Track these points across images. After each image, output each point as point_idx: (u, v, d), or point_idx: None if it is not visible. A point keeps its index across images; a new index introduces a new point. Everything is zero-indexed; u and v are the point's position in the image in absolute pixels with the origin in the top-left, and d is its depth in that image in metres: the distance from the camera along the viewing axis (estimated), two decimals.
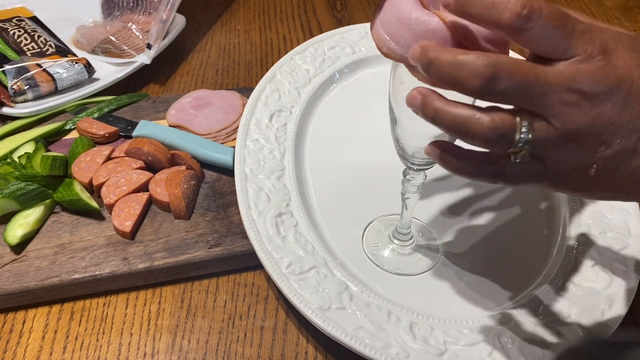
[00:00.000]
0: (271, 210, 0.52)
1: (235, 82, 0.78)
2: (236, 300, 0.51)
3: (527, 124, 0.31)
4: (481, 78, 0.29)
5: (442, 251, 0.53)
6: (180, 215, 0.55)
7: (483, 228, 0.55)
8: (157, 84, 0.77)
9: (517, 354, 0.44)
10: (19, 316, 0.50)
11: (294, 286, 0.46)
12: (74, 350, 0.48)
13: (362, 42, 0.70)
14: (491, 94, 0.30)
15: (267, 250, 0.49)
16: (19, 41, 0.72)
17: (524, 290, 0.49)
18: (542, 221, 0.56)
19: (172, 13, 0.77)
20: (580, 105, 0.30)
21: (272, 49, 0.85)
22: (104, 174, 0.58)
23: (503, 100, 0.31)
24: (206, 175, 0.61)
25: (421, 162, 0.42)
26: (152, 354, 0.48)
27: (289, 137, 0.59)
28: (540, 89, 0.30)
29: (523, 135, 0.31)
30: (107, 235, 0.54)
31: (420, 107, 0.32)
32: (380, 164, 0.56)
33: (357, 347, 0.43)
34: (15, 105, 0.68)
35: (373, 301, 0.47)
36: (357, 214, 0.56)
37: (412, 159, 0.42)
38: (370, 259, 0.52)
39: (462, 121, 0.31)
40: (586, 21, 0.32)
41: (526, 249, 0.53)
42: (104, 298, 0.52)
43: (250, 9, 0.94)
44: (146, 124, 0.64)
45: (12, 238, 0.52)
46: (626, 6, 0.96)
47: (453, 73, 0.30)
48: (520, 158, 0.32)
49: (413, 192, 0.47)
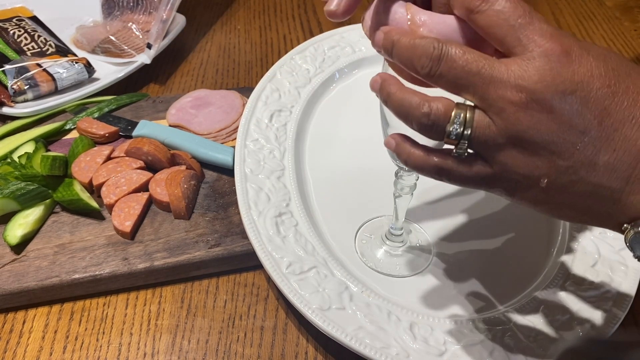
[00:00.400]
0: (271, 210, 0.52)
1: (235, 82, 0.78)
2: (236, 300, 0.51)
3: (461, 115, 0.30)
4: (429, 57, 0.30)
5: (434, 252, 0.53)
6: (180, 215, 0.55)
7: (483, 228, 0.55)
8: (157, 83, 0.77)
9: (517, 354, 0.44)
10: (19, 316, 0.50)
11: (294, 286, 0.46)
12: (74, 350, 0.48)
13: (362, 41, 0.70)
14: (437, 76, 0.30)
15: (267, 250, 0.49)
16: (19, 41, 0.72)
17: (524, 290, 0.49)
18: (542, 221, 0.56)
19: (172, 13, 0.77)
20: (527, 107, 0.29)
21: (272, 49, 0.85)
22: (104, 173, 0.58)
23: (448, 86, 0.30)
24: (206, 175, 0.60)
25: None
26: (152, 354, 0.48)
27: (289, 137, 0.59)
28: (480, 79, 0.29)
29: (455, 126, 0.30)
30: (107, 235, 0.54)
31: (378, 90, 0.34)
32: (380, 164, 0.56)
33: (357, 347, 0.43)
34: (15, 105, 0.68)
35: (373, 301, 0.47)
36: (357, 213, 0.55)
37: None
38: (362, 261, 0.52)
39: (406, 105, 0.32)
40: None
41: (526, 249, 0.53)
42: (104, 298, 0.52)
43: (250, 9, 0.94)
44: (146, 123, 0.64)
45: (12, 238, 0.52)
46: (626, 6, 0.96)
47: (409, 53, 0.31)
48: (458, 152, 0.32)
49: (406, 193, 0.47)
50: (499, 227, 0.55)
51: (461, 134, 0.31)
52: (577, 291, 0.48)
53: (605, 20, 0.92)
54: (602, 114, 0.28)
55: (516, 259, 0.52)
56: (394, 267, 0.51)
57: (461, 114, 0.30)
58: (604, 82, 0.28)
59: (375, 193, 0.56)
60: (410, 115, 0.32)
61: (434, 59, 0.30)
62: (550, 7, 0.95)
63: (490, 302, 0.49)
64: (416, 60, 0.30)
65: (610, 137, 0.29)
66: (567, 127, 0.29)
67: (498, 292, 0.50)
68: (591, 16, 0.93)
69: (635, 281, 0.48)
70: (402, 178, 0.46)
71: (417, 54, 0.30)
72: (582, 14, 0.93)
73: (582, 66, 0.28)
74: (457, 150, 0.32)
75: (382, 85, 0.34)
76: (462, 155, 0.32)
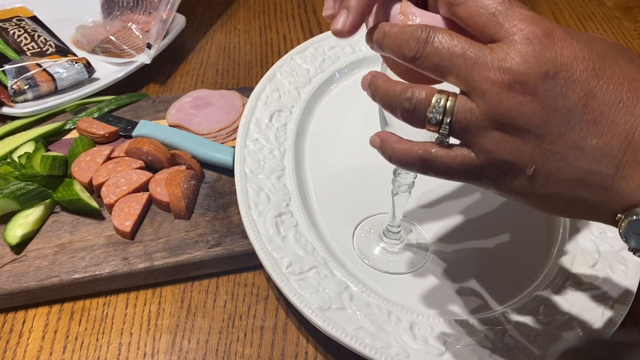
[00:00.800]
0: (271, 210, 0.52)
1: (235, 82, 0.78)
2: (236, 300, 0.51)
3: (442, 100, 0.30)
4: (416, 40, 0.30)
5: (431, 250, 0.53)
6: (180, 215, 0.55)
7: (483, 228, 0.55)
8: (157, 83, 0.77)
9: (517, 354, 0.44)
10: (19, 316, 0.50)
11: (294, 286, 0.46)
12: (74, 350, 0.48)
13: (362, 41, 0.69)
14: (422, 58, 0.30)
15: (267, 250, 0.49)
16: (19, 41, 0.72)
17: (524, 290, 0.50)
18: (542, 221, 0.56)
19: (172, 13, 0.77)
20: (510, 88, 0.28)
21: (272, 49, 0.85)
22: (104, 173, 0.58)
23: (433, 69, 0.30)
24: (206, 175, 0.60)
25: None
26: (152, 354, 0.48)
27: (289, 137, 0.59)
28: (464, 62, 0.29)
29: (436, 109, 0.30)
30: (107, 235, 0.54)
31: (368, 86, 0.34)
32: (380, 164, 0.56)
33: (357, 347, 0.43)
34: (15, 105, 0.68)
35: (373, 301, 0.47)
36: (357, 213, 0.55)
37: None
38: (359, 256, 0.52)
39: (390, 93, 0.32)
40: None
41: (526, 248, 0.53)
42: (104, 298, 0.52)
43: (250, 9, 0.94)
44: (146, 123, 0.64)
45: (12, 238, 0.52)
46: (626, 6, 0.96)
47: (398, 40, 0.31)
48: (440, 139, 0.31)
49: (403, 191, 0.47)
50: (498, 227, 0.55)
51: (442, 119, 0.30)
52: (577, 291, 0.48)
53: (605, 20, 0.92)
54: (587, 96, 0.28)
55: (516, 259, 0.52)
56: (390, 264, 0.51)
57: (442, 98, 0.30)
58: (588, 65, 0.28)
59: (376, 193, 0.56)
60: (394, 102, 0.32)
61: (420, 41, 0.30)
62: (550, 7, 0.95)
63: (490, 302, 0.49)
64: (404, 45, 0.31)
65: (597, 120, 0.28)
66: (551, 110, 0.28)
67: (498, 292, 0.50)
68: (591, 16, 0.93)
69: (635, 281, 0.48)
70: (400, 176, 0.46)
71: (405, 39, 0.30)
72: (582, 14, 0.93)
73: (565, 49, 0.28)
74: (439, 137, 0.31)
75: (370, 80, 0.34)
76: (444, 141, 0.31)
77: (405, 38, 0.30)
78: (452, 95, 0.30)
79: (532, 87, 0.28)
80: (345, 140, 0.62)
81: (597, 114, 0.28)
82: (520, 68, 0.28)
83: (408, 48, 0.30)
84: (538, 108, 0.28)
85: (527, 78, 0.28)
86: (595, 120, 0.28)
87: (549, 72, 0.28)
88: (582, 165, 0.29)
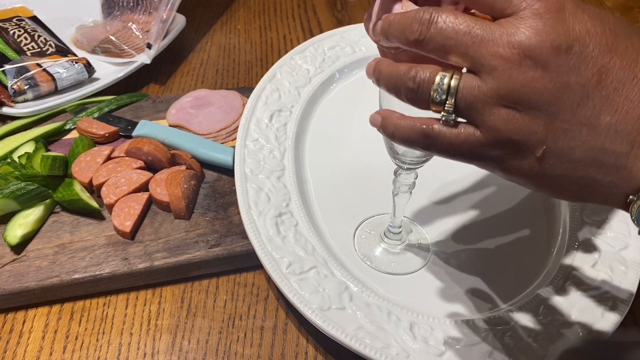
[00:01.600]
0: (271, 210, 0.52)
1: (235, 82, 0.78)
2: (236, 300, 0.51)
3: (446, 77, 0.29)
4: (419, 22, 0.29)
5: (432, 250, 0.53)
6: (180, 215, 0.55)
7: (482, 228, 0.55)
8: (157, 83, 0.77)
9: (517, 354, 0.44)
10: (19, 316, 0.50)
11: (294, 286, 0.46)
12: (74, 350, 0.48)
13: (363, 41, 0.70)
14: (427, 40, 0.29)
15: (267, 250, 0.49)
16: (19, 41, 0.72)
17: (524, 290, 0.49)
18: (542, 221, 0.56)
19: (172, 13, 0.77)
20: (521, 64, 0.27)
21: (272, 49, 0.85)
22: (104, 173, 0.58)
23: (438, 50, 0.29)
24: (206, 175, 0.60)
25: (411, 161, 0.42)
26: (152, 354, 0.48)
27: (289, 137, 0.59)
28: (471, 39, 0.28)
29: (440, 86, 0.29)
30: (107, 235, 0.54)
31: (372, 72, 0.34)
32: (380, 164, 0.56)
33: (357, 347, 0.43)
34: (15, 105, 0.68)
35: (373, 301, 0.47)
36: (357, 213, 0.55)
37: (402, 158, 0.42)
38: (359, 257, 0.52)
39: (395, 75, 0.31)
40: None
41: (526, 248, 0.53)
42: (104, 298, 0.52)
43: (250, 9, 0.94)
44: (146, 123, 0.64)
45: (12, 238, 0.52)
46: (626, 6, 0.96)
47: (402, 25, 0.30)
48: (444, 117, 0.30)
49: (404, 192, 0.47)
50: (499, 227, 0.55)
51: (445, 97, 0.29)
52: (577, 291, 0.48)
53: None
54: (600, 71, 0.27)
55: (516, 259, 0.52)
56: (392, 265, 0.51)
57: (446, 76, 0.29)
58: (601, 40, 0.27)
59: (376, 193, 0.56)
60: (398, 82, 0.31)
61: (423, 23, 0.29)
62: None
63: (489, 302, 0.49)
64: (408, 29, 0.30)
65: (610, 97, 0.27)
66: (564, 85, 0.27)
67: (497, 292, 0.50)
68: None
69: (635, 281, 0.48)
70: (401, 176, 0.46)
71: (408, 22, 0.30)
72: None
73: (577, 23, 0.27)
74: (443, 114, 0.30)
75: (375, 66, 0.33)
76: (448, 120, 0.30)
77: (408, 21, 0.30)
78: (457, 73, 0.29)
79: (544, 61, 0.27)
80: (345, 140, 0.62)
81: (611, 90, 0.27)
82: (532, 42, 0.27)
83: (411, 31, 0.30)
84: (550, 84, 0.27)
85: (539, 52, 0.27)
86: (609, 96, 0.27)
87: (562, 46, 0.27)
88: (595, 143, 0.28)
